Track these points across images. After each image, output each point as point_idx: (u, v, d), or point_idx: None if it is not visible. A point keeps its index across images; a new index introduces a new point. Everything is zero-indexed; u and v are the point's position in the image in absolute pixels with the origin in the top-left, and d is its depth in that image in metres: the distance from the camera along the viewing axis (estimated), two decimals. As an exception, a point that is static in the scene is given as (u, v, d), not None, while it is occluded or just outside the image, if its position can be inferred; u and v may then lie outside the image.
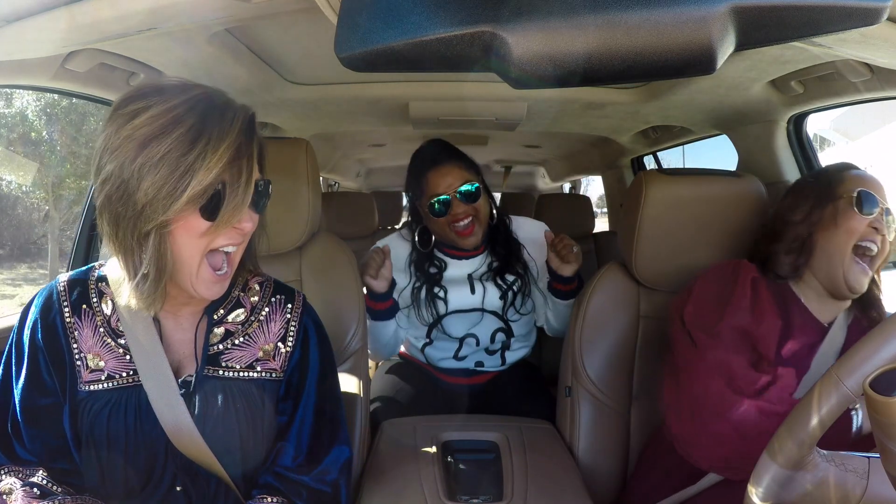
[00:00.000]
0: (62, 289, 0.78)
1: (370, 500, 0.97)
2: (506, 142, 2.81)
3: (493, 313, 1.47)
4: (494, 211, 1.48)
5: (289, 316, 0.85)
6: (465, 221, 1.38)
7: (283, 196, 1.07)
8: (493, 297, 1.46)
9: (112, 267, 0.78)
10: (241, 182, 0.69)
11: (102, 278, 0.79)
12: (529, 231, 1.52)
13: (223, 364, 0.80)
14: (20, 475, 0.74)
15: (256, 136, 0.73)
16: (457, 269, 1.49)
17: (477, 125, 1.95)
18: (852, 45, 0.86)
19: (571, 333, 1.21)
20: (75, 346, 0.76)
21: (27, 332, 0.76)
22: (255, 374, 0.81)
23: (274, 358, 0.83)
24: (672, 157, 2.51)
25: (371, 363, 1.61)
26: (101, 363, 0.76)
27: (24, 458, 0.75)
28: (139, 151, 0.65)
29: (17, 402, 0.75)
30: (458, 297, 1.46)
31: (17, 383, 0.76)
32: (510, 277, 1.47)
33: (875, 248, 1.00)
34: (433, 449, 1.10)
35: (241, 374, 0.81)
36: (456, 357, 1.50)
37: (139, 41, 0.98)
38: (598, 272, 1.22)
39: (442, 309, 1.46)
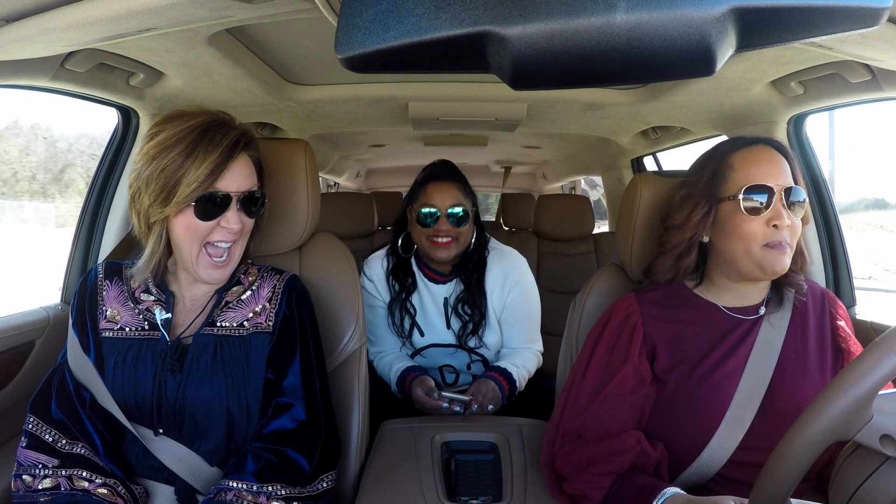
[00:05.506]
0: (101, 266, 1.00)
1: (370, 500, 0.97)
2: (505, 142, 2.81)
3: (462, 347, 1.51)
4: (473, 239, 1.51)
5: (275, 282, 0.99)
6: (445, 239, 1.45)
7: (282, 196, 1.07)
8: (458, 330, 1.51)
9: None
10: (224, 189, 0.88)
11: (135, 263, 0.97)
12: (504, 265, 1.53)
13: (217, 324, 0.94)
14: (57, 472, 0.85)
15: (249, 152, 0.91)
16: (431, 294, 1.53)
17: (477, 126, 1.95)
18: (853, 46, 0.86)
19: (569, 334, 1.20)
20: (101, 300, 0.95)
21: (76, 301, 0.96)
22: (245, 332, 0.94)
23: (261, 315, 0.96)
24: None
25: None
26: (118, 317, 0.94)
27: (55, 417, 0.88)
28: (148, 165, 0.86)
29: (67, 359, 0.92)
30: (434, 331, 1.51)
31: (69, 346, 0.93)
32: (469, 310, 1.50)
33: (785, 240, 0.87)
34: (433, 449, 1.10)
35: (233, 331, 0.94)
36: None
37: (139, 41, 0.98)
38: (595, 274, 1.22)
39: (420, 342, 1.51)
